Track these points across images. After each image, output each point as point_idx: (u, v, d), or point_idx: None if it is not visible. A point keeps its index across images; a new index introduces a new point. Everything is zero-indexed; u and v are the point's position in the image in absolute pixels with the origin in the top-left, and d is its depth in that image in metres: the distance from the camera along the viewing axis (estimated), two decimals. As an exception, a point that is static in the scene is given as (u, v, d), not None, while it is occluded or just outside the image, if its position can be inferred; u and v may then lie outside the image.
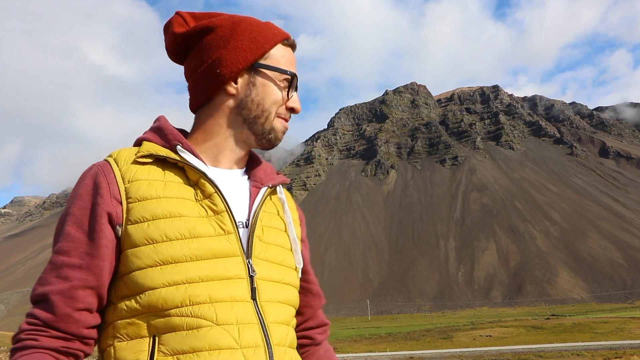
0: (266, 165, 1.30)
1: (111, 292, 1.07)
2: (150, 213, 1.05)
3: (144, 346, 1.02)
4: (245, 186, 1.22)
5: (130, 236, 1.05)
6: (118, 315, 1.06)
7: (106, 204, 1.05)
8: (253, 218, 1.14)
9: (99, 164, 1.11)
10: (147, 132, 1.20)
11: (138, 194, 1.07)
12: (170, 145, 1.14)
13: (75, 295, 1.02)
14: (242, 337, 1.02)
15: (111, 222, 1.06)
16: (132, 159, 1.11)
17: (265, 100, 1.19)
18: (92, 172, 1.09)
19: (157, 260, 1.03)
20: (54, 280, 1.02)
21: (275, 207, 1.24)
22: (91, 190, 1.07)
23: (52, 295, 1.01)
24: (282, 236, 1.21)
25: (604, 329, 56.21)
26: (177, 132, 1.17)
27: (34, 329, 1.02)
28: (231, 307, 1.03)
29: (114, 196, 1.06)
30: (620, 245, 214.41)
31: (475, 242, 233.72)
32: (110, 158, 1.12)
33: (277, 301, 1.11)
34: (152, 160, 1.12)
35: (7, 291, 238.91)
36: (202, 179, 1.11)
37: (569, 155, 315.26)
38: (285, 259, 1.18)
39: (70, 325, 1.02)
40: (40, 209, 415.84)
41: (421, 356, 42.46)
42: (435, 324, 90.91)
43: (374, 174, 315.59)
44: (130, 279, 1.04)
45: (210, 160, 1.19)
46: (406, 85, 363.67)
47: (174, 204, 1.07)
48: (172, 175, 1.12)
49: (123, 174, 1.08)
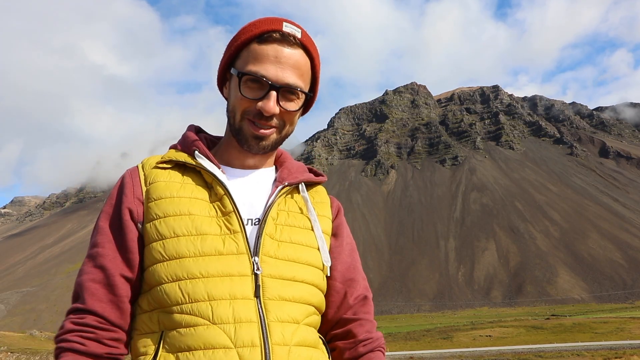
0: (292, 165, 1.31)
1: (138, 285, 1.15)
2: (162, 211, 1.13)
3: (154, 341, 1.07)
4: (267, 185, 1.25)
5: (147, 233, 1.13)
6: (138, 309, 1.13)
7: (129, 202, 1.16)
8: (264, 215, 1.16)
9: (130, 169, 1.24)
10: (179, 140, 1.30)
11: (155, 194, 1.16)
12: (190, 151, 1.23)
13: (114, 282, 1.10)
14: (238, 336, 1.02)
15: (133, 219, 1.15)
16: (155, 164, 1.22)
17: (232, 102, 1.21)
18: (123, 176, 1.22)
19: (164, 256, 1.09)
20: (91, 270, 1.11)
21: (297, 205, 1.25)
22: (119, 191, 1.19)
23: (93, 283, 1.10)
24: (304, 234, 1.21)
25: (604, 329, 56.11)
26: (196, 138, 1.26)
27: (82, 329, 1.08)
28: (229, 305, 1.04)
29: (136, 196, 1.17)
30: (620, 245, 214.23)
31: (475, 242, 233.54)
32: (140, 163, 1.24)
33: (284, 299, 1.10)
34: (172, 165, 1.22)
35: (7, 291, 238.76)
36: (215, 181, 1.17)
37: (569, 155, 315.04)
38: (303, 256, 1.17)
39: (114, 314, 1.10)
40: (40, 209, 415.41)
41: (421, 356, 42.44)
42: (435, 324, 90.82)
43: (374, 174, 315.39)
44: (146, 273, 1.12)
45: (231, 163, 1.25)
46: (406, 85, 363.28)
47: (185, 203, 1.14)
48: (190, 179, 1.20)
49: (146, 177, 1.20)
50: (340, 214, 1.34)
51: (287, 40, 1.16)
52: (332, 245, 1.28)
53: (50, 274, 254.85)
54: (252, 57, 1.16)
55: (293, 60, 1.16)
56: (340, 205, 1.35)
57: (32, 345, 49.24)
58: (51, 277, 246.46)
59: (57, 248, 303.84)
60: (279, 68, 1.15)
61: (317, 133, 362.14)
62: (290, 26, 1.17)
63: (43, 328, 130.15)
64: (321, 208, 1.29)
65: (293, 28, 1.17)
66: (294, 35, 1.17)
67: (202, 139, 1.29)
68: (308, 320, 1.15)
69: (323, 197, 1.32)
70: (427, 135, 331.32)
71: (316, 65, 1.23)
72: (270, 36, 1.16)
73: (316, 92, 1.26)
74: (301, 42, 1.18)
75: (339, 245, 1.29)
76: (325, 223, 1.27)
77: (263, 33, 1.16)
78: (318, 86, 1.25)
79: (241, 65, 1.18)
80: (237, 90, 1.18)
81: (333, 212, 1.32)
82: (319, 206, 1.29)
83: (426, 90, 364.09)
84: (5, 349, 41.80)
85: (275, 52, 1.15)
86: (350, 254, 1.31)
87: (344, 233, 1.33)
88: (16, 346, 46.80)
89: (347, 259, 1.29)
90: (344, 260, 1.29)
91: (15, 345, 47.56)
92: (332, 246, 1.28)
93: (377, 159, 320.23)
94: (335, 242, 1.29)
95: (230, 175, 1.21)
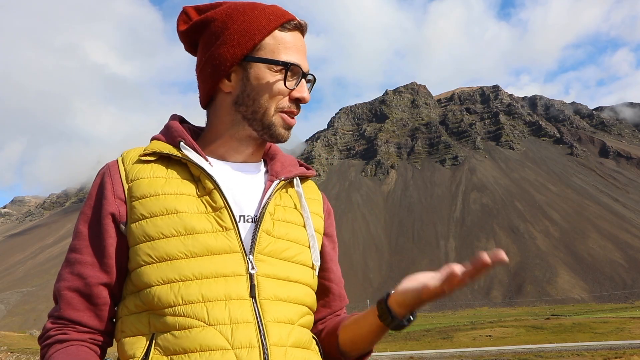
0: (285, 158, 1.26)
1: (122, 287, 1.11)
2: (148, 210, 1.06)
3: (143, 343, 1.02)
4: (259, 180, 1.19)
5: (132, 234, 1.06)
6: (125, 311, 1.08)
7: (109, 204, 1.08)
8: (261, 211, 1.11)
9: (108, 164, 1.15)
10: (161, 131, 1.21)
11: (139, 192, 1.08)
12: (174, 143, 1.14)
13: (91, 291, 1.06)
14: (235, 337, 0.99)
15: (115, 222, 1.08)
16: (137, 157, 1.13)
17: (261, 95, 1.13)
18: (101, 172, 1.13)
19: (154, 257, 1.03)
20: (69, 277, 1.07)
21: (292, 201, 1.20)
22: (98, 191, 1.11)
23: (70, 291, 1.06)
24: (298, 231, 1.16)
25: (604, 329, 56.14)
26: (181, 129, 1.17)
27: (61, 325, 1.06)
28: (225, 306, 1.01)
29: (117, 196, 1.09)
30: (620, 245, 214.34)
31: (475, 242, 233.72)
32: (120, 157, 1.15)
33: (279, 299, 1.07)
34: (156, 158, 1.13)
35: (7, 291, 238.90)
36: (202, 174, 1.10)
37: (569, 155, 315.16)
38: (298, 255, 1.13)
39: (92, 320, 1.07)
40: (40, 209, 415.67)
41: (421, 356, 42.46)
42: (435, 324, 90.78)
43: (374, 174, 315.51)
44: (133, 275, 1.06)
45: (218, 156, 1.17)
46: (406, 85, 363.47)
47: (171, 200, 1.07)
48: (175, 172, 1.12)
49: (127, 173, 1.10)
50: (332, 215, 1.31)
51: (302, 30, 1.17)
52: (327, 247, 1.26)
53: (50, 274, 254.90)
54: (283, 46, 1.12)
55: (305, 48, 1.17)
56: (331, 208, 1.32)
57: (32, 345, 49.20)
58: (51, 277, 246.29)
59: (57, 248, 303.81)
60: (302, 56, 1.15)
61: (317, 133, 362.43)
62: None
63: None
64: (313, 205, 1.25)
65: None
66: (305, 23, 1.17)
67: (186, 129, 1.21)
68: (302, 321, 1.12)
69: (315, 194, 1.28)
70: (427, 135, 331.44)
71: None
72: (294, 24, 1.15)
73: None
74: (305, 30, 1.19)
75: (333, 248, 1.28)
76: (317, 221, 1.24)
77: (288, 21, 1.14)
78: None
79: (270, 54, 1.12)
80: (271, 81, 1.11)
81: (325, 211, 1.29)
82: (312, 203, 1.25)
83: (426, 90, 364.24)
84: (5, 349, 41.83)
85: (299, 41, 1.15)
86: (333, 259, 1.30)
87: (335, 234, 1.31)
88: (16, 346, 46.84)
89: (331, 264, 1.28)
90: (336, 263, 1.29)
91: (15, 345, 47.60)
92: (327, 248, 1.26)
93: (377, 159, 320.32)
94: (331, 244, 1.28)
95: (218, 168, 1.14)
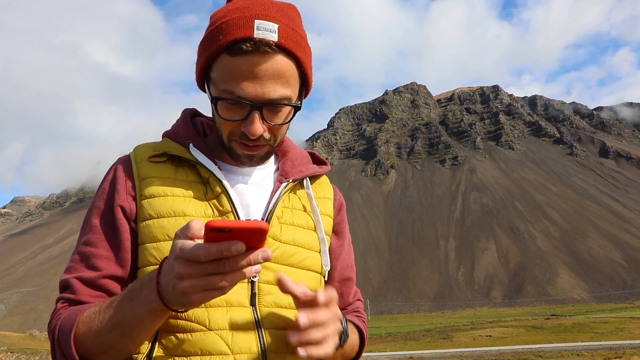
0: (296, 155, 1.19)
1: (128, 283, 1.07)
2: (155, 211, 1.05)
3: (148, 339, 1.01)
4: (269, 181, 1.15)
5: (140, 232, 1.05)
6: None
7: (121, 199, 1.07)
8: (268, 215, 1.08)
9: (121, 159, 1.13)
10: (172, 126, 1.18)
11: (148, 192, 1.06)
12: (184, 143, 1.11)
13: (102, 284, 1.04)
14: (236, 342, 0.99)
15: (126, 217, 1.07)
16: (148, 155, 1.10)
17: (216, 120, 1.06)
18: (114, 166, 1.12)
19: (158, 259, 1.02)
20: (82, 270, 1.04)
21: (301, 203, 1.16)
22: (111, 185, 1.09)
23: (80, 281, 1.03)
24: (307, 235, 1.12)
25: (604, 329, 56.13)
26: (192, 129, 1.14)
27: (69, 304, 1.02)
28: (226, 312, 1.00)
29: (129, 192, 1.07)
30: (620, 245, 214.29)
31: (475, 242, 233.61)
32: (132, 153, 1.14)
33: (279, 306, 1.05)
34: (166, 158, 1.10)
35: (7, 291, 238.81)
36: (211, 177, 1.07)
37: (569, 155, 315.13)
38: (304, 260, 1.10)
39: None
40: (40, 209, 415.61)
41: (421, 356, 42.46)
42: (435, 324, 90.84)
43: (374, 174, 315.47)
44: (139, 273, 1.05)
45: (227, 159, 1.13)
46: (406, 85, 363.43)
47: (179, 202, 1.05)
48: (184, 174, 1.09)
49: (138, 170, 1.09)
50: (343, 209, 1.27)
51: (261, 51, 0.95)
52: (333, 244, 1.21)
53: (50, 274, 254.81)
54: (226, 73, 0.97)
55: (272, 71, 0.96)
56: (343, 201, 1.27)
57: (32, 345, 49.26)
58: (51, 277, 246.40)
59: (57, 248, 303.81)
60: (258, 84, 0.96)
61: (317, 133, 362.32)
62: (264, 26, 0.95)
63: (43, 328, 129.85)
64: (324, 205, 1.20)
65: (266, 30, 0.95)
66: (268, 41, 0.94)
67: (197, 125, 1.19)
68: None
69: (326, 192, 1.23)
70: (427, 135, 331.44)
71: (303, 62, 1.02)
72: (241, 48, 0.94)
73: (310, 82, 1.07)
74: (278, 45, 0.96)
75: (340, 245, 1.23)
76: (327, 222, 1.19)
77: (233, 44, 0.95)
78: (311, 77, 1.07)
79: (215, 80, 1.00)
80: (216, 113, 1.03)
81: (335, 209, 1.24)
82: (322, 203, 1.20)
83: (426, 90, 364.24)
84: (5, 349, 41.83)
85: (251, 66, 0.95)
86: (348, 250, 1.26)
87: (345, 230, 1.26)
88: (16, 346, 46.80)
89: (346, 257, 1.24)
90: (343, 259, 1.24)
91: (15, 345, 47.56)
92: (333, 245, 1.21)
93: (377, 159, 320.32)
94: (337, 242, 1.23)
95: (227, 172, 1.11)
